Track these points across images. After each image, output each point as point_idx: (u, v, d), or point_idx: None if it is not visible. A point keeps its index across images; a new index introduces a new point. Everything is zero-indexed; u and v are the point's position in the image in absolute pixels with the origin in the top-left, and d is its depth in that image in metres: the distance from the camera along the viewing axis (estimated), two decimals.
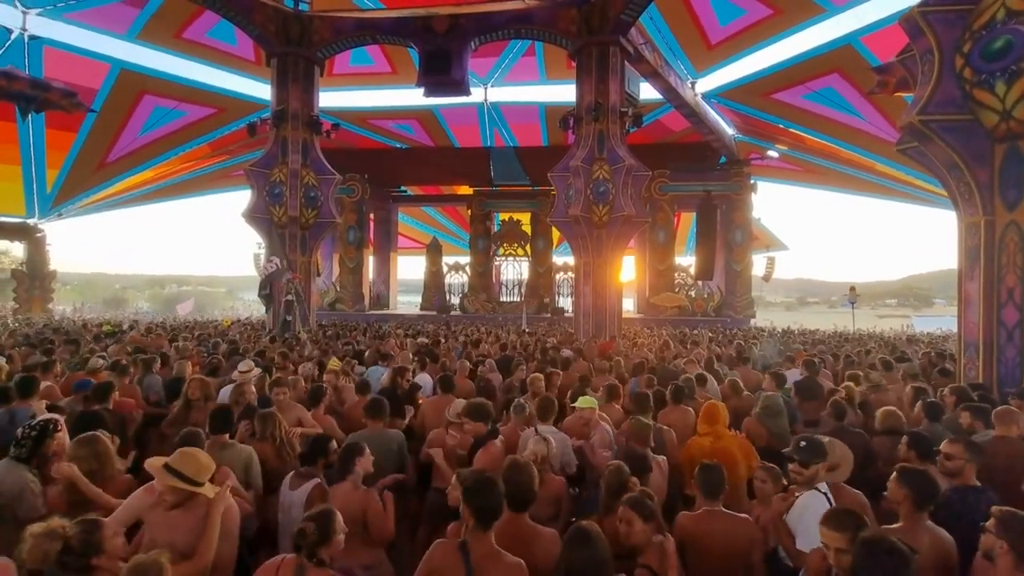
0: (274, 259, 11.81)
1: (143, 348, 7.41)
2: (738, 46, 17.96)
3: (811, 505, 2.54)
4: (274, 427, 3.65)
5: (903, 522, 2.43)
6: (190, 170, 25.84)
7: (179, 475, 2.42)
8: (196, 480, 2.44)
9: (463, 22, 14.49)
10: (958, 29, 5.82)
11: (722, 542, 2.57)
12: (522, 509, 2.41)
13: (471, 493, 2.20)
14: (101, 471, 2.81)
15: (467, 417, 3.64)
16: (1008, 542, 1.95)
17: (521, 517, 2.41)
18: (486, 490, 2.20)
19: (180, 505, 2.43)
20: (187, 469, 2.44)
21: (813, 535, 2.39)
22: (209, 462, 2.55)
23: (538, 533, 2.40)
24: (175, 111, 21.20)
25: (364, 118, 24.16)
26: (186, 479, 2.42)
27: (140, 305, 51.62)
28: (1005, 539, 1.96)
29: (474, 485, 2.22)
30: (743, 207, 23.55)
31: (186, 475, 2.42)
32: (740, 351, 8.07)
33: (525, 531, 2.39)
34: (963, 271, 6.23)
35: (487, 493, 2.20)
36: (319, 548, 2.06)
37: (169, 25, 17.42)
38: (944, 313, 51.42)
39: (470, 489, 2.21)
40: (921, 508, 2.42)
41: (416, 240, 35.58)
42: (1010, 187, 5.67)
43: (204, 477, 2.47)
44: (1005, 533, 1.97)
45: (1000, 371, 5.72)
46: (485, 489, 2.20)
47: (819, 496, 2.55)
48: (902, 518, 2.45)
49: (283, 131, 14.37)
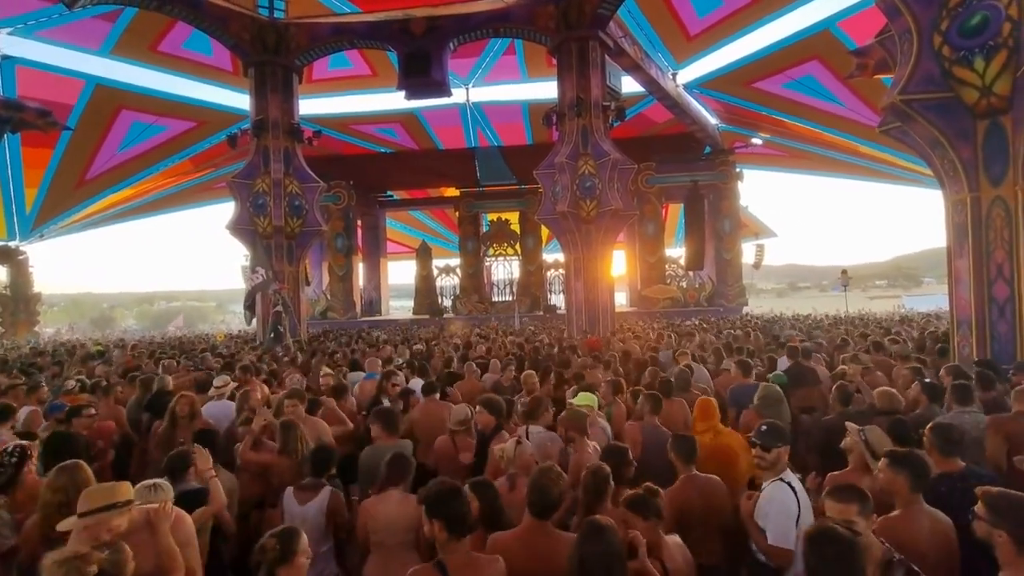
0: (260, 270, 11.65)
1: (132, 369, 7.23)
2: (717, 35, 17.98)
3: (776, 497, 2.48)
4: (296, 440, 3.51)
5: (901, 508, 2.37)
6: (173, 184, 25.53)
7: (105, 508, 2.15)
8: (125, 499, 2.20)
9: (441, 23, 14.40)
10: (935, 7, 5.81)
11: (701, 504, 2.75)
12: (545, 516, 2.34)
13: (435, 505, 2.11)
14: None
15: (482, 407, 3.69)
16: (1006, 530, 1.89)
17: (544, 524, 2.35)
18: (451, 499, 2.13)
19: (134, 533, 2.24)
20: (108, 499, 2.17)
21: (781, 529, 2.38)
22: (122, 483, 2.31)
23: (561, 539, 2.34)
24: (154, 126, 20.90)
25: (346, 124, 23.98)
26: (115, 505, 2.17)
27: (128, 323, 51.03)
28: (1004, 528, 1.89)
29: (437, 496, 2.13)
30: (730, 196, 23.63)
31: (112, 503, 2.16)
32: (732, 341, 8.05)
33: (548, 537, 2.33)
34: (952, 249, 6.24)
35: (453, 502, 2.12)
36: (278, 567, 1.93)
37: (143, 38, 17.16)
38: (934, 292, 51.99)
39: (433, 501, 2.13)
40: (917, 490, 2.36)
41: (405, 244, 35.44)
42: (994, 162, 5.67)
43: (127, 494, 2.24)
44: (999, 519, 1.90)
45: (994, 347, 5.72)
46: (450, 498, 2.13)
47: (783, 486, 2.49)
48: (899, 504, 2.38)
49: (264, 141, 14.21)
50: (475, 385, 5.77)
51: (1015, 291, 5.58)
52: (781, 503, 2.43)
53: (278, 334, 12.20)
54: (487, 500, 2.50)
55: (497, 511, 2.52)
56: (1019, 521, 1.88)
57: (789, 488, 2.47)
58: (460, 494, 2.17)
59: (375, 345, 10.74)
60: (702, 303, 23.37)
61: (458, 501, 2.13)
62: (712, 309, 22.41)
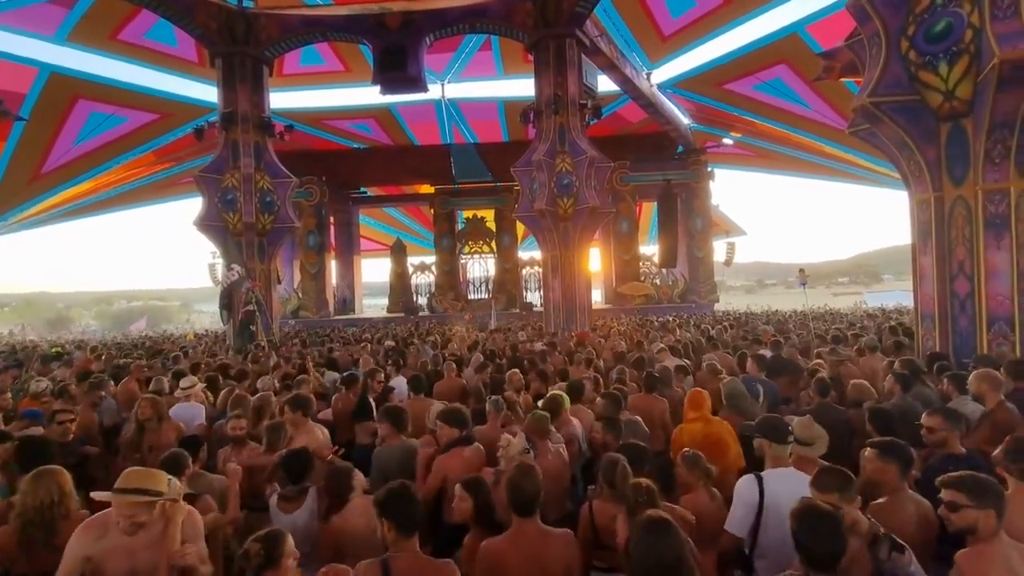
0: (235, 267, 11.30)
1: (89, 371, 6.91)
2: (690, 36, 18.29)
3: (741, 488, 2.57)
4: (279, 441, 3.51)
5: (888, 496, 2.46)
6: (135, 178, 24.51)
7: (139, 491, 2.17)
8: (157, 489, 2.21)
9: (417, 18, 14.22)
10: (902, 13, 6.02)
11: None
12: (528, 513, 2.32)
13: (385, 505, 2.12)
14: (60, 508, 2.56)
15: (442, 422, 3.47)
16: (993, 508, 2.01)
17: (530, 521, 2.32)
18: (401, 500, 2.12)
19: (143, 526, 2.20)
20: (144, 483, 2.20)
21: (736, 516, 2.50)
22: (160, 472, 2.33)
23: (550, 535, 2.33)
24: (114, 117, 20.00)
25: (319, 119, 23.47)
26: (147, 491, 2.18)
27: (87, 324, 48.93)
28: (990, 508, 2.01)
29: (387, 497, 2.13)
30: (702, 195, 24.10)
31: (145, 488, 2.19)
32: (708, 335, 8.22)
33: (536, 535, 2.31)
34: (916, 246, 6.49)
35: (403, 503, 2.12)
36: (264, 571, 1.89)
37: (103, 26, 16.39)
38: (893, 288, 54.17)
39: (383, 501, 2.13)
40: (905, 478, 2.47)
41: (379, 242, 34.96)
42: (956, 164, 5.91)
43: (163, 485, 2.25)
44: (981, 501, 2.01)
45: (955, 340, 5.98)
46: (400, 499, 2.12)
47: (751, 479, 2.57)
48: (887, 492, 2.48)
49: (233, 134, 13.78)
50: (453, 383, 5.73)
51: (975, 287, 5.85)
52: (741, 495, 2.53)
53: (250, 333, 11.88)
54: (480, 498, 2.49)
55: (490, 509, 2.51)
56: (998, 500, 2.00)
57: (756, 481, 2.53)
58: (410, 495, 2.16)
59: (354, 343, 10.58)
60: (675, 300, 23.81)
61: (408, 502, 2.13)
62: (685, 306, 22.86)
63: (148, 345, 13.26)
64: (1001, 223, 5.68)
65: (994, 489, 2.03)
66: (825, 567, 1.81)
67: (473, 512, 2.48)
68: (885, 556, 1.91)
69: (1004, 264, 5.67)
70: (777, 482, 2.53)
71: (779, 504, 2.37)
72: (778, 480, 2.54)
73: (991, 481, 2.07)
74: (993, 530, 1.99)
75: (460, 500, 2.51)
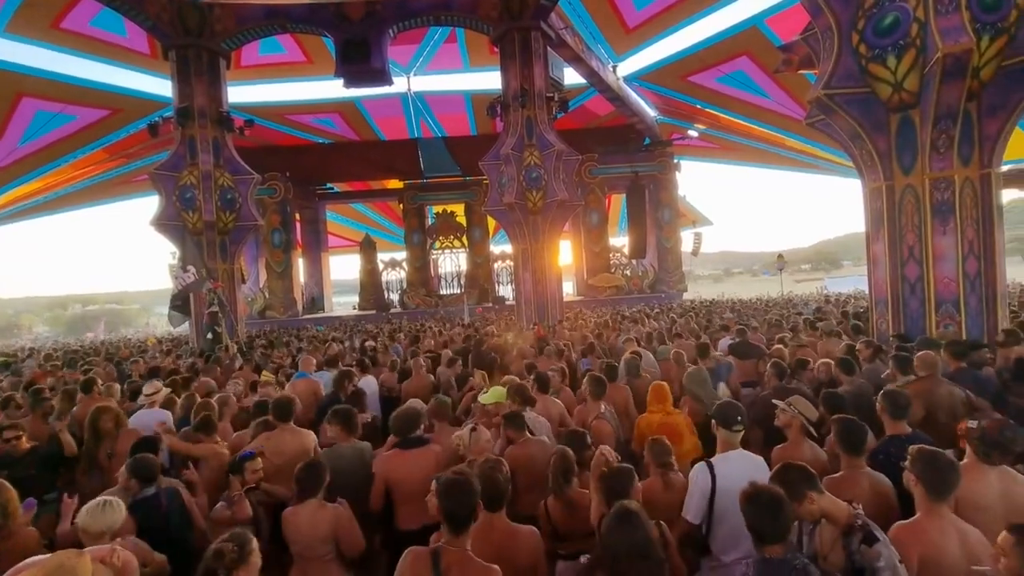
0: (191, 268, 10.87)
1: (38, 382, 6.57)
2: (654, 29, 18.47)
3: (692, 476, 2.66)
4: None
5: (843, 470, 2.60)
6: (86, 177, 23.38)
7: None
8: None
9: (379, 8, 13.94)
10: (852, 8, 6.22)
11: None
12: (496, 508, 2.33)
13: (444, 497, 2.11)
14: (4, 525, 2.43)
15: (393, 431, 3.36)
16: (915, 473, 2.13)
17: (497, 517, 2.33)
18: (460, 493, 2.10)
19: None
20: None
21: (690, 504, 2.58)
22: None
23: (517, 531, 2.34)
24: (62, 115, 18.98)
25: (281, 113, 22.84)
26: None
27: (39, 330, 46.66)
28: (913, 471, 2.14)
29: (447, 488, 2.12)
30: (669, 186, 24.49)
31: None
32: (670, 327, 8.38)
33: (503, 531, 2.32)
34: (870, 233, 6.75)
35: (461, 496, 2.10)
36: (236, 568, 1.91)
37: (43, 14, 15.46)
38: (852, 274, 56.31)
39: (443, 492, 2.12)
40: (854, 453, 2.58)
41: (348, 238, 34.36)
42: (905, 153, 6.16)
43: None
44: (914, 466, 2.15)
45: (907, 323, 6.26)
46: (459, 492, 2.10)
47: (703, 467, 2.65)
48: (842, 467, 2.61)
49: (189, 130, 13.27)
50: (423, 380, 5.67)
51: (924, 271, 6.12)
52: (696, 482, 2.61)
53: (216, 335, 11.49)
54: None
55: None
56: (933, 472, 2.09)
57: (707, 467, 2.61)
58: (470, 490, 2.13)
59: (323, 342, 10.40)
60: (645, 290, 24.21)
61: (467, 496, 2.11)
62: (655, 296, 23.26)
63: (109, 351, 12.74)
64: (947, 209, 5.96)
65: (933, 461, 2.11)
66: (772, 544, 1.90)
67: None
68: (855, 548, 1.98)
69: (950, 249, 5.96)
70: (727, 466, 2.61)
71: (730, 488, 2.45)
72: (728, 464, 2.62)
73: (936, 454, 2.16)
74: (923, 501, 2.08)
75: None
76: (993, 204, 5.94)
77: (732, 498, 2.28)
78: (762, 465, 2.63)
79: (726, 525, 2.49)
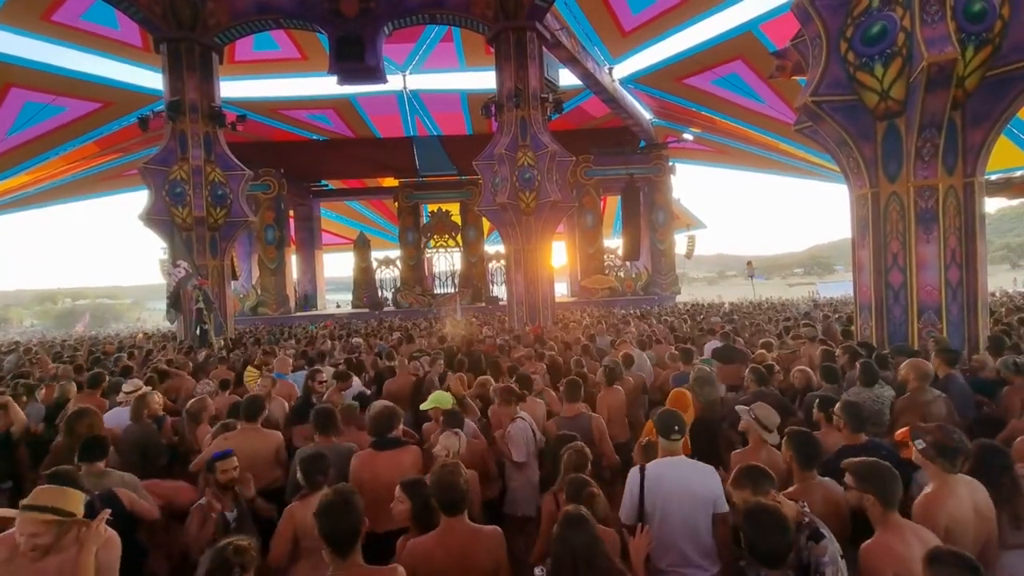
0: (181, 264, 10.81)
1: (22, 373, 6.54)
2: (650, 32, 18.50)
3: (628, 477, 2.68)
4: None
5: (796, 483, 2.61)
6: (77, 170, 23.17)
7: (48, 509, 2.02)
8: (69, 510, 2.06)
9: (373, 6, 13.88)
10: (841, 16, 6.24)
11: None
12: (455, 512, 2.29)
13: (321, 518, 1.98)
14: None
15: (369, 431, 3.32)
16: (865, 490, 2.12)
17: (458, 520, 2.30)
18: (337, 514, 1.97)
19: (49, 551, 2.05)
20: (55, 501, 2.05)
21: (624, 506, 2.60)
22: (77, 492, 2.17)
23: (478, 533, 2.32)
24: (52, 107, 18.80)
25: (275, 108, 22.70)
26: (58, 511, 2.03)
27: (28, 324, 46.26)
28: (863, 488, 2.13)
29: (324, 509, 2.00)
30: (664, 189, 24.55)
31: (55, 506, 2.04)
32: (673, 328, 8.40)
33: (465, 533, 2.29)
34: (855, 240, 6.78)
35: (339, 517, 1.96)
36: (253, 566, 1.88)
37: (34, 6, 15.33)
38: (844, 279, 56.68)
39: (320, 514, 1.99)
40: (807, 466, 2.59)
41: (342, 236, 34.24)
42: (890, 161, 6.19)
43: (77, 506, 2.10)
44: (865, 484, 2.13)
45: (890, 329, 6.29)
46: (336, 512, 1.97)
47: (634, 471, 2.67)
48: (795, 479, 2.64)
49: (181, 124, 13.19)
50: (405, 380, 5.63)
51: (908, 278, 6.16)
52: (628, 485, 2.64)
53: (204, 332, 11.41)
54: (419, 500, 2.46)
55: (429, 511, 2.48)
56: (883, 484, 2.09)
57: (638, 471, 2.63)
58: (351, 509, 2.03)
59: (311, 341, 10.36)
60: (639, 292, 24.27)
61: (348, 515, 2.01)
62: (648, 298, 23.32)
63: (93, 348, 12.62)
64: (930, 217, 6.00)
65: (878, 474, 2.12)
66: (771, 563, 1.87)
67: (411, 515, 2.45)
68: (803, 544, 2.00)
69: (933, 256, 5.99)
70: (660, 469, 2.62)
71: (660, 490, 2.51)
72: (661, 467, 2.63)
73: (876, 465, 2.16)
74: (880, 515, 2.09)
75: (398, 502, 2.47)
76: (976, 213, 5.98)
77: (663, 502, 2.44)
78: (705, 470, 2.61)
79: (655, 530, 2.48)
